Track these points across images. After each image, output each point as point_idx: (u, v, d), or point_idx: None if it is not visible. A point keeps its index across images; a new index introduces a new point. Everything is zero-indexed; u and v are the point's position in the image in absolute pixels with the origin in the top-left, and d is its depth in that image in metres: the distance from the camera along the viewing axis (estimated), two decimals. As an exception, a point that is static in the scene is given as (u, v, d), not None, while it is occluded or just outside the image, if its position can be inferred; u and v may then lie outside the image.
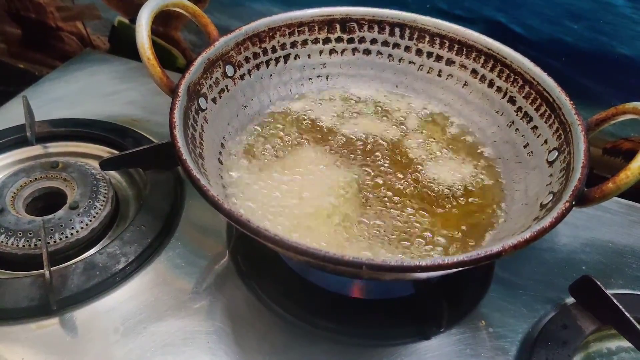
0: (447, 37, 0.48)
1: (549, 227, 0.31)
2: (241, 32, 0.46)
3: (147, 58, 0.39)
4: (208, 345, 0.40)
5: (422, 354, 0.41)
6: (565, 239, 0.50)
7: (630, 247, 0.50)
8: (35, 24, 0.81)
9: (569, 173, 0.36)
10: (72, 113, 0.59)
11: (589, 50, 0.52)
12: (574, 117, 0.39)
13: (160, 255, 0.46)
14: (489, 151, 0.47)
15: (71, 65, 0.69)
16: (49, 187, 0.49)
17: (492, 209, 0.42)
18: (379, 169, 0.45)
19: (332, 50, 0.51)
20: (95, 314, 0.41)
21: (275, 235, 0.29)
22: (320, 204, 0.40)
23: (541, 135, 0.42)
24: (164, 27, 0.71)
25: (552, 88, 0.42)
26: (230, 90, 0.45)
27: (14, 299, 0.40)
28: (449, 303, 0.42)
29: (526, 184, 0.42)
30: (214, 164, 0.41)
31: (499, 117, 0.47)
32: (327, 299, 0.43)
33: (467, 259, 0.29)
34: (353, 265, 0.28)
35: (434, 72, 0.50)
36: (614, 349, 0.43)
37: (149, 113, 0.61)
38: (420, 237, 0.39)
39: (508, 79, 0.46)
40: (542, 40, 0.53)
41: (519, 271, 0.47)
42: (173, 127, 0.35)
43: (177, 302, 0.42)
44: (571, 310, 0.43)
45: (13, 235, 0.44)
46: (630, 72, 0.51)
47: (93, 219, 0.46)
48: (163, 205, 0.48)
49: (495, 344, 0.42)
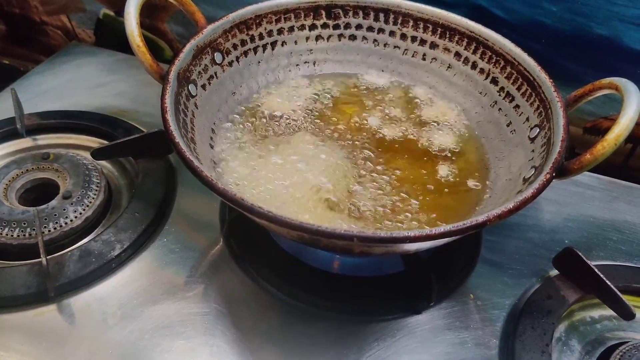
0: (431, 21, 0.50)
1: (531, 197, 0.32)
2: (228, 19, 0.46)
3: (136, 45, 0.39)
4: (205, 326, 0.41)
5: (414, 328, 0.42)
6: (548, 215, 0.52)
7: (610, 221, 0.52)
8: (20, 18, 0.80)
9: (550, 147, 0.37)
10: (61, 105, 0.59)
11: (567, 31, 0.53)
12: (553, 94, 0.40)
13: (155, 242, 0.46)
14: (474, 131, 0.48)
15: (58, 59, 0.69)
16: (41, 178, 0.49)
17: (476, 186, 0.43)
18: (367, 150, 0.46)
19: (318, 36, 0.52)
20: (93, 299, 0.42)
21: (269, 212, 0.30)
22: (310, 185, 0.41)
23: (523, 114, 0.44)
24: (150, 19, 0.71)
25: (532, 67, 0.43)
26: (219, 77, 0.46)
27: (11, 287, 0.40)
28: (438, 279, 0.44)
29: (509, 160, 0.43)
30: (205, 148, 0.42)
31: (483, 98, 0.48)
32: (320, 278, 0.44)
33: (454, 229, 0.30)
34: (345, 237, 0.29)
35: (418, 56, 0.51)
36: (597, 317, 0.45)
37: (137, 104, 0.61)
38: (409, 213, 0.40)
39: (490, 60, 0.47)
40: (523, 23, 0.54)
41: (505, 247, 0.48)
42: (165, 111, 0.36)
43: (173, 286, 0.43)
44: (555, 281, 0.45)
45: (7, 225, 0.44)
46: (607, 51, 0.53)
47: (87, 208, 0.47)
48: (155, 192, 0.49)
49: (484, 315, 0.43)
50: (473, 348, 0.41)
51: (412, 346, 0.41)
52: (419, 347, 0.41)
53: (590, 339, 0.43)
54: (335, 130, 0.47)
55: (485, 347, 0.41)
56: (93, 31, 0.77)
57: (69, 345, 0.39)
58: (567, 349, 0.42)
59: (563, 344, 0.43)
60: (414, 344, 0.41)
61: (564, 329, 0.44)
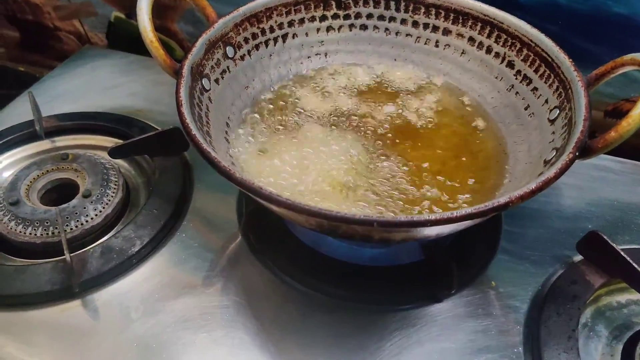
0: (443, 6, 0.49)
1: (554, 177, 0.32)
2: (239, 12, 0.46)
3: (150, 41, 0.39)
4: (226, 318, 0.41)
5: (436, 316, 0.41)
6: (570, 201, 0.51)
7: (635, 204, 0.51)
8: (33, 25, 0.82)
9: (571, 127, 0.37)
10: (77, 107, 0.60)
11: (584, 11, 0.52)
12: (574, 74, 0.39)
13: (174, 237, 0.47)
14: (491, 116, 0.47)
15: (72, 63, 0.70)
16: (61, 179, 0.50)
17: (496, 171, 0.43)
18: (383, 138, 0.45)
19: (329, 27, 0.51)
20: (115, 295, 0.42)
21: (287, 200, 0.30)
22: (326, 177, 0.41)
23: (542, 96, 0.43)
24: (160, 20, 0.72)
25: (550, 48, 0.42)
26: (231, 71, 0.46)
27: (36, 284, 0.41)
28: (458, 266, 0.43)
29: (529, 144, 0.42)
30: (221, 142, 0.42)
31: (499, 82, 0.47)
32: (339, 268, 0.44)
33: (475, 211, 0.29)
34: (365, 223, 0.29)
35: (431, 43, 0.51)
36: (624, 302, 0.44)
37: (151, 103, 0.62)
38: (427, 200, 0.40)
39: (505, 43, 0.46)
40: (538, 4, 0.53)
41: (525, 236, 0.47)
42: (180, 104, 0.36)
43: (193, 281, 0.43)
44: (579, 266, 0.44)
45: (30, 224, 0.45)
46: (627, 30, 0.51)
47: (106, 206, 0.47)
48: (173, 189, 0.49)
49: (506, 302, 0.42)
50: (497, 335, 0.40)
51: (434, 334, 0.40)
52: (441, 335, 0.40)
53: (617, 324, 0.42)
54: (349, 119, 0.47)
55: (509, 334, 0.40)
56: (105, 34, 0.78)
57: (94, 340, 0.39)
58: (593, 334, 0.41)
59: (589, 329, 0.42)
60: (436, 332, 0.40)
61: (590, 314, 0.43)
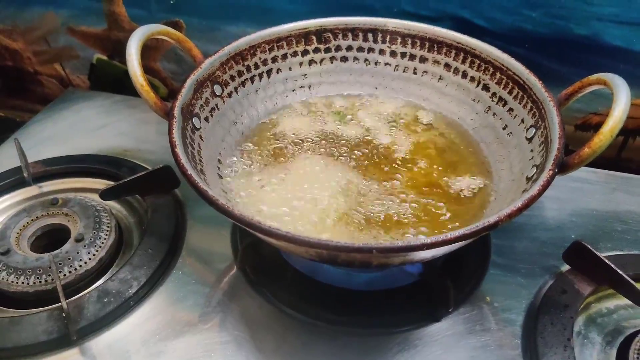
0: (418, 36, 0.52)
1: (538, 194, 0.33)
2: (224, 52, 0.48)
3: (140, 85, 0.41)
4: (229, 353, 0.41)
5: (435, 335, 0.42)
6: (552, 213, 0.53)
7: (613, 211, 0.53)
8: (13, 71, 0.82)
9: (548, 145, 0.39)
10: (64, 151, 0.60)
11: (548, 34, 0.55)
12: (545, 94, 0.42)
13: (171, 275, 0.47)
14: (472, 137, 0.50)
15: (56, 106, 0.70)
16: (51, 224, 0.50)
17: (481, 190, 0.44)
18: (370, 165, 0.47)
19: (311, 60, 0.53)
20: (115, 339, 0.42)
21: (287, 233, 0.31)
22: (319, 206, 0.42)
23: (517, 116, 0.45)
24: (143, 59, 0.73)
25: (521, 71, 0.45)
26: (220, 109, 0.47)
27: (32, 335, 0.40)
28: (454, 284, 0.44)
29: (510, 161, 0.44)
30: (215, 178, 0.43)
31: (476, 105, 0.50)
32: (337, 295, 0.45)
33: (468, 232, 0.31)
34: (364, 250, 0.30)
35: (409, 71, 0.53)
36: (613, 307, 0.46)
37: (138, 142, 0.62)
38: (416, 221, 0.41)
39: (479, 68, 0.49)
40: (505, 30, 0.56)
41: (514, 249, 0.49)
42: (174, 145, 0.37)
43: (193, 318, 0.43)
44: (567, 276, 0.45)
45: (22, 274, 0.44)
46: (589, 50, 0.55)
47: (99, 249, 0.47)
48: (166, 227, 0.49)
49: (502, 316, 0.44)
50: (496, 349, 0.41)
51: (436, 354, 0.41)
52: (443, 354, 0.41)
53: (609, 330, 0.44)
54: (337, 148, 0.49)
55: (508, 348, 0.41)
56: (87, 76, 0.79)
57: (96, 388, 0.39)
58: (587, 342, 0.43)
59: (583, 337, 0.43)
60: (438, 352, 0.41)
61: (583, 322, 0.44)
